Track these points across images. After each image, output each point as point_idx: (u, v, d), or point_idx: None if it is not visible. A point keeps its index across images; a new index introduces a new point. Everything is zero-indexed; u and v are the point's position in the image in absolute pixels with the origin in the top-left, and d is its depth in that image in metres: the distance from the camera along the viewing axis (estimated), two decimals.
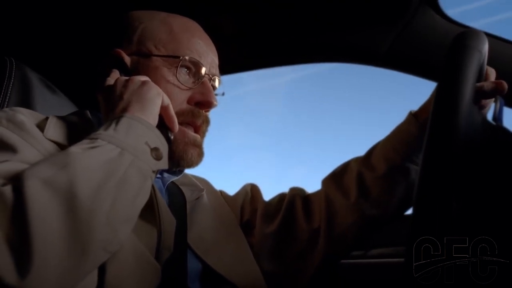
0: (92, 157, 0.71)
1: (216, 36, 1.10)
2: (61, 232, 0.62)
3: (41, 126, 0.87)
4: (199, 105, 1.02)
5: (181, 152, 0.98)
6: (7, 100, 1.13)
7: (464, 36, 0.72)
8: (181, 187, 1.09)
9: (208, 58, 1.05)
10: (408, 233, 0.59)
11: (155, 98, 0.88)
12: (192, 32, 1.06)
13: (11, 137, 0.80)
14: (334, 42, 1.45)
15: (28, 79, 1.21)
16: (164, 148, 0.84)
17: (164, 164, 0.83)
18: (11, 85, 1.14)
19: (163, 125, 0.90)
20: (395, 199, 1.04)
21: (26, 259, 0.59)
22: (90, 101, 1.05)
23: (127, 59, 1.00)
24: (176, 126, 0.93)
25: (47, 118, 0.91)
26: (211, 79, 1.05)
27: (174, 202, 1.03)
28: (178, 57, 1.00)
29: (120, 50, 1.01)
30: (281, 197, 1.21)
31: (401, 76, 1.43)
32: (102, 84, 0.94)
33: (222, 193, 1.25)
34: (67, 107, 1.32)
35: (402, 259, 0.63)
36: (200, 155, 1.03)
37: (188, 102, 1.01)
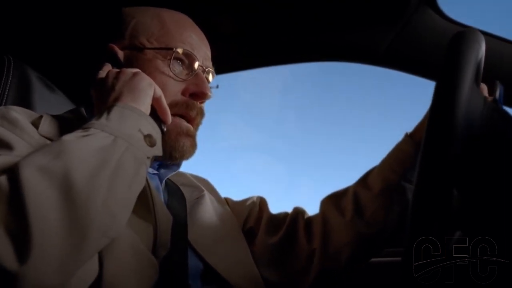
0: (86, 145, 0.71)
1: (215, 35, 1.10)
2: (59, 218, 0.62)
3: (35, 124, 0.87)
4: (194, 97, 1.02)
5: (173, 142, 0.98)
6: (5, 98, 1.13)
7: (463, 34, 0.72)
8: (180, 187, 1.09)
9: (200, 51, 1.05)
10: (407, 233, 0.59)
11: (147, 89, 0.88)
12: (184, 25, 1.06)
13: (6, 134, 0.80)
14: (333, 41, 1.46)
15: (26, 77, 1.21)
16: (157, 135, 0.84)
17: (158, 150, 0.83)
18: (9, 83, 1.14)
19: (156, 117, 0.90)
20: (391, 219, 1.04)
21: (25, 245, 0.59)
22: (88, 99, 1.05)
23: (120, 53, 1.01)
24: (169, 118, 0.93)
25: (41, 117, 0.91)
26: (205, 71, 1.05)
27: (174, 201, 1.03)
28: (171, 48, 1.00)
29: (113, 45, 1.01)
30: (285, 213, 1.22)
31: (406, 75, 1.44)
32: (94, 77, 0.94)
33: (227, 200, 1.26)
34: (65, 105, 1.31)
35: (399, 259, 0.63)
36: (193, 145, 1.03)
37: (183, 93, 1.01)
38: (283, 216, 1.21)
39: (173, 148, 0.99)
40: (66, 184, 0.64)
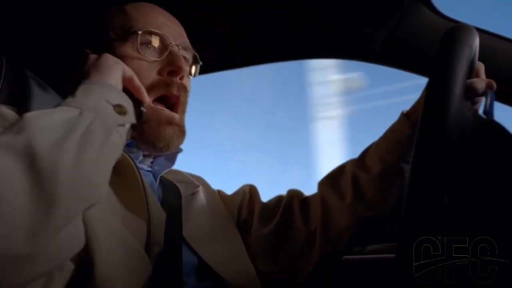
0: (49, 118, 0.70)
1: (212, 33, 1.09)
2: (25, 188, 0.61)
3: None
4: (171, 74, 1.02)
5: (154, 131, 0.98)
6: None
7: (454, 31, 0.72)
8: (176, 183, 1.09)
9: (170, 29, 1.05)
10: (404, 233, 0.59)
11: (114, 65, 0.88)
12: (146, 10, 1.07)
13: None
14: (328, 39, 1.46)
15: (20, 77, 1.19)
16: (127, 104, 0.83)
17: (130, 118, 0.82)
18: (1, 82, 1.13)
19: (132, 99, 0.89)
20: (390, 200, 1.04)
21: None
22: None
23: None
24: (146, 96, 0.92)
25: None
26: (179, 48, 1.05)
27: (169, 197, 1.03)
28: (135, 32, 1.00)
29: (87, 50, 1.02)
30: (278, 198, 1.21)
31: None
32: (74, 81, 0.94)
33: (219, 192, 1.25)
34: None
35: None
36: (179, 133, 1.02)
37: (159, 74, 1.01)
38: (276, 201, 1.20)
39: (156, 138, 0.98)
40: (30, 155, 0.63)
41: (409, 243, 0.57)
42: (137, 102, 0.90)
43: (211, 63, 1.10)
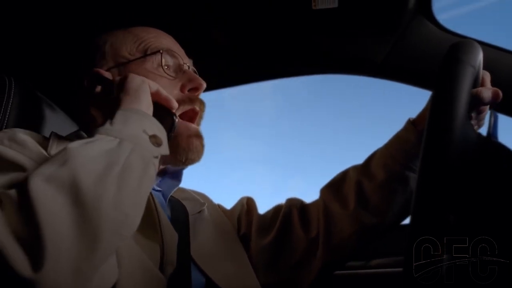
0: (91, 150, 0.72)
1: (209, 49, 1.11)
2: (70, 222, 0.63)
3: (43, 145, 0.88)
4: (191, 91, 1.05)
5: (185, 144, 1.00)
6: (6, 118, 1.13)
7: (456, 49, 0.71)
8: (182, 201, 1.10)
9: (178, 50, 1.09)
10: (408, 233, 0.59)
11: (141, 85, 0.89)
12: (155, 32, 1.10)
13: (16, 156, 0.80)
14: (329, 54, 1.46)
15: (28, 97, 1.21)
16: (162, 134, 0.85)
17: (164, 150, 0.84)
18: (10, 103, 1.15)
19: (163, 111, 0.91)
20: (394, 208, 1.03)
21: (38, 252, 0.60)
22: (87, 117, 1.06)
23: (107, 74, 1.02)
24: (174, 103, 0.94)
25: (47, 138, 0.92)
26: (190, 67, 1.09)
27: (177, 216, 1.03)
28: (158, 51, 1.03)
29: (98, 69, 1.03)
30: (276, 208, 1.21)
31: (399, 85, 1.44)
32: (94, 102, 0.99)
33: (220, 207, 1.26)
34: (67, 124, 1.32)
35: (402, 269, 0.62)
36: (203, 145, 1.05)
37: (181, 91, 1.04)
38: (274, 211, 1.20)
39: (189, 150, 1.01)
40: (74, 189, 0.65)
41: (409, 243, 0.57)
42: (168, 113, 0.92)
43: (211, 81, 1.11)
